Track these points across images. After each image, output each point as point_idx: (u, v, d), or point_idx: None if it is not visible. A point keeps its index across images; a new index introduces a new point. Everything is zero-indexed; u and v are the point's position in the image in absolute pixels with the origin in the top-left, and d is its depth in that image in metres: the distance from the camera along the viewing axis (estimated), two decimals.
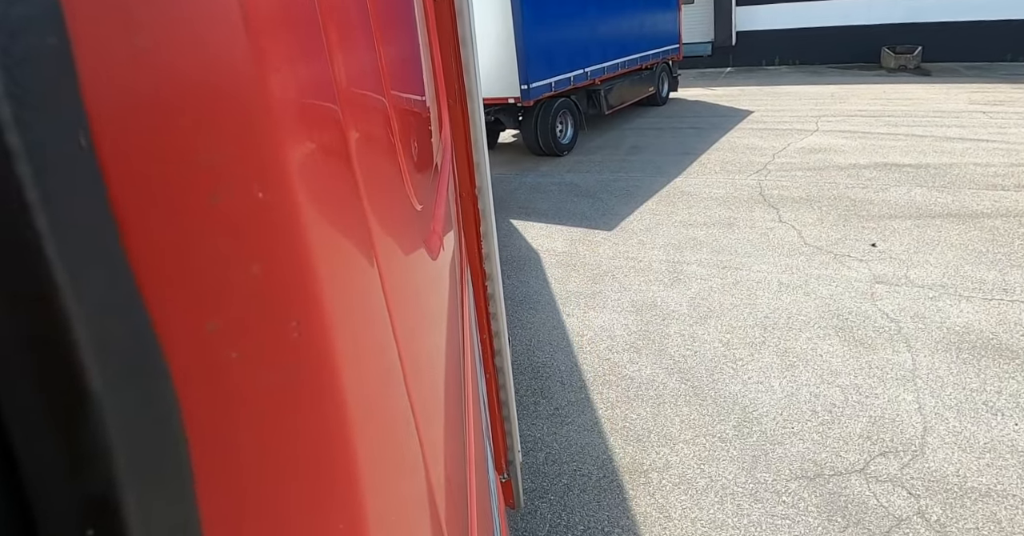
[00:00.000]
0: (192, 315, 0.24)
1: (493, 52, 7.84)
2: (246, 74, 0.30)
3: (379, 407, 0.46)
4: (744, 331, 3.89)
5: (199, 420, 0.24)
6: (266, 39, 0.32)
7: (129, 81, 0.22)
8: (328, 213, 0.38)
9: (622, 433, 3.10)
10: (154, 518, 0.21)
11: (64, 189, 0.18)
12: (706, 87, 14.65)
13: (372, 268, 0.48)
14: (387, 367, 0.51)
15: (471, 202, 1.96)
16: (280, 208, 0.31)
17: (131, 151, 0.22)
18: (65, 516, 0.19)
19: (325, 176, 0.39)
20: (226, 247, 0.27)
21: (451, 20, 1.74)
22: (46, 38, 0.18)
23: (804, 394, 3.25)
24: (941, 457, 2.76)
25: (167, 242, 0.23)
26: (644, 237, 5.58)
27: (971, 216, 5.38)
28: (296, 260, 0.32)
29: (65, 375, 0.18)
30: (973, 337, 3.62)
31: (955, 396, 3.14)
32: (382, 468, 0.44)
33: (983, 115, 9.27)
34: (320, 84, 0.41)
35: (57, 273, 0.18)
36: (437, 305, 0.94)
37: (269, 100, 0.31)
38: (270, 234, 0.30)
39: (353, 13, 0.58)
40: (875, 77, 14.35)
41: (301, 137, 0.36)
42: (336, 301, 0.36)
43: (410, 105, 0.95)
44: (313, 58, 0.41)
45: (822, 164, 7.29)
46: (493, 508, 1.45)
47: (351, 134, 0.46)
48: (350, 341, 0.39)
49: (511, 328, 4.15)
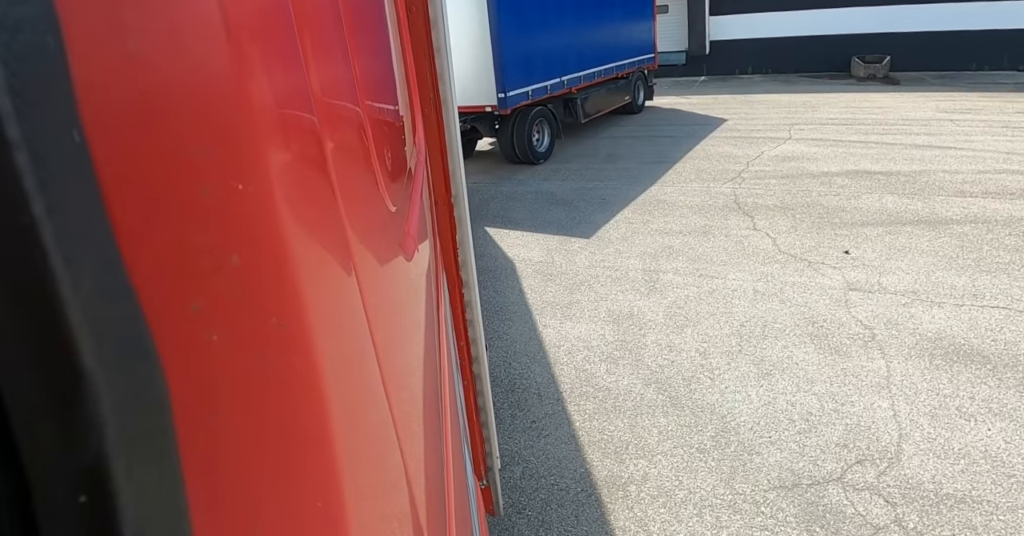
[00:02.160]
0: (177, 299, 0.26)
1: (470, 60, 7.84)
2: (227, 77, 0.32)
3: (356, 397, 0.48)
4: (720, 340, 3.89)
5: (184, 398, 0.25)
6: (246, 44, 0.35)
7: (119, 81, 0.23)
8: (304, 209, 0.40)
9: (600, 445, 3.07)
10: (142, 486, 0.22)
11: (59, 179, 0.19)
12: (681, 96, 14.79)
13: (348, 266, 0.50)
14: (364, 359, 0.53)
15: (447, 210, 1.95)
16: (258, 201, 0.33)
17: (120, 146, 0.23)
18: (59, 486, 0.20)
19: (300, 173, 0.41)
20: (208, 237, 0.29)
21: (425, 30, 1.74)
22: (43, 37, 0.19)
23: (781, 403, 3.25)
24: (917, 464, 2.77)
25: (154, 231, 0.25)
26: (620, 246, 5.58)
27: (941, 223, 5.46)
28: (273, 250, 0.34)
29: (61, 356, 0.19)
30: (945, 343, 3.65)
31: (929, 402, 3.16)
32: (359, 455, 0.46)
33: (951, 123, 9.45)
34: (296, 87, 0.44)
35: (53, 258, 0.19)
36: (412, 307, 0.95)
37: (248, 101, 0.34)
38: (249, 226, 0.32)
39: (328, 23, 0.61)
40: (845, 86, 14.60)
41: (278, 135, 0.38)
42: (311, 290, 0.38)
43: (382, 111, 0.96)
44: (289, 60, 0.44)
45: (795, 172, 7.36)
46: (472, 514, 1.44)
47: (324, 134, 0.48)
48: (325, 327, 0.41)
49: (488, 339, 4.11)
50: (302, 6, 0.47)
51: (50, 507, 0.20)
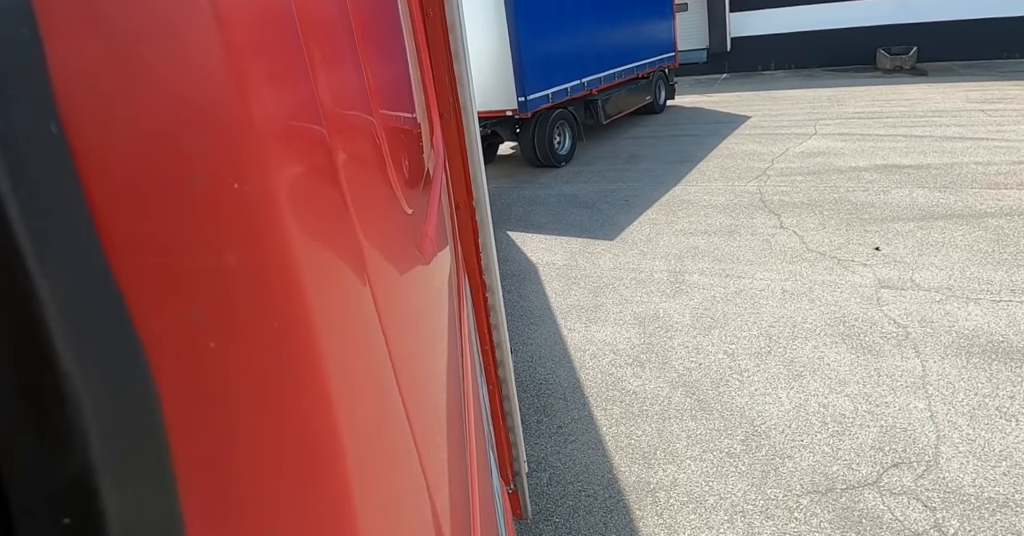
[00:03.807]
0: (170, 303, 0.25)
1: (490, 65, 7.84)
2: (217, 66, 0.30)
3: (368, 402, 0.46)
4: (749, 341, 3.83)
5: (177, 405, 0.24)
6: (238, 34, 0.33)
7: (101, 73, 0.23)
8: (306, 207, 0.39)
9: (627, 451, 3.03)
10: (132, 503, 0.21)
11: (36, 174, 0.19)
12: (703, 94, 14.65)
13: (359, 267, 0.49)
14: (376, 363, 0.51)
15: (469, 214, 1.95)
16: (257, 197, 0.32)
17: (103, 140, 0.22)
18: (41, 501, 0.19)
19: (300, 167, 0.40)
20: (199, 236, 0.27)
21: (443, 35, 1.74)
22: (17, 28, 0.19)
23: (812, 405, 3.18)
24: (956, 467, 2.69)
25: (140, 228, 0.24)
26: (645, 247, 5.53)
27: (975, 216, 5.32)
28: (273, 252, 0.33)
29: (40, 360, 0.18)
30: (983, 340, 3.55)
31: (967, 402, 3.07)
32: (371, 467, 0.44)
33: (982, 113, 9.22)
34: (296, 75, 0.42)
35: (29, 257, 0.18)
36: (431, 310, 0.94)
37: (241, 92, 0.32)
38: (244, 224, 0.31)
39: (331, 17, 0.59)
40: (871, 79, 14.33)
41: (273, 127, 0.36)
42: (320, 298, 0.37)
43: (393, 111, 0.95)
44: (286, 48, 0.42)
45: (822, 168, 7.24)
46: (499, 518, 1.43)
47: (326, 127, 0.46)
48: (335, 337, 0.39)
49: (512, 344, 4.09)
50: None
51: (33, 524, 0.19)
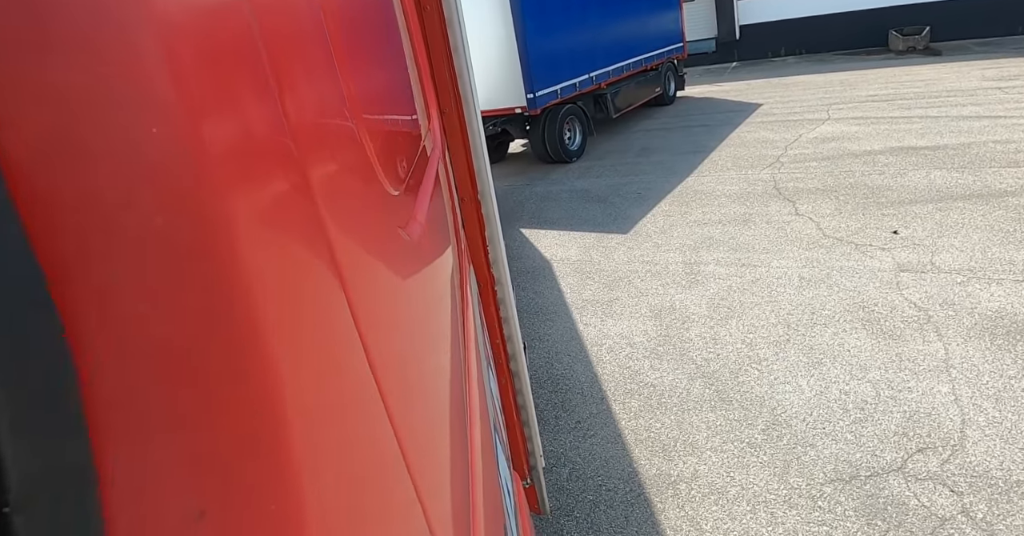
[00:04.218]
0: (91, 277, 0.24)
1: (497, 63, 7.83)
2: (152, 66, 0.29)
3: (326, 384, 0.44)
4: (767, 330, 3.79)
5: (91, 356, 0.23)
6: (175, 28, 0.32)
7: (28, 72, 0.22)
8: (256, 181, 0.38)
9: (647, 444, 3.01)
10: (33, 448, 0.20)
11: None
12: (712, 83, 14.53)
13: (322, 245, 0.47)
14: (341, 350, 0.49)
15: (474, 207, 1.93)
16: (195, 163, 0.31)
17: (31, 145, 0.22)
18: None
19: (248, 138, 0.38)
20: (130, 197, 0.26)
21: (441, 30, 1.73)
22: None
23: (834, 392, 3.14)
24: (983, 450, 2.64)
25: (74, 239, 0.23)
26: (659, 239, 5.49)
27: (995, 195, 5.22)
28: (208, 215, 0.31)
29: None
30: (1007, 321, 3.48)
31: (993, 385, 3.01)
32: (330, 456, 0.42)
33: (998, 91, 9.05)
34: (244, 47, 0.41)
35: None
36: (422, 301, 0.92)
37: (192, 100, 0.31)
38: (173, 181, 0.30)
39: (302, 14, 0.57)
40: (884, 61, 14.12)
41: (216, 97, 0.35)
42: (268, 270, 0.36)
43: (375, 95, 0.93)
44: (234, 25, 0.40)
45: (836, 153, 7.15)
46: (509, 513, 1.42)
47: (287, 107, 0.45)
48: (282, 311, 0.38)
49: (528, 340, 4.08)
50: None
51: None
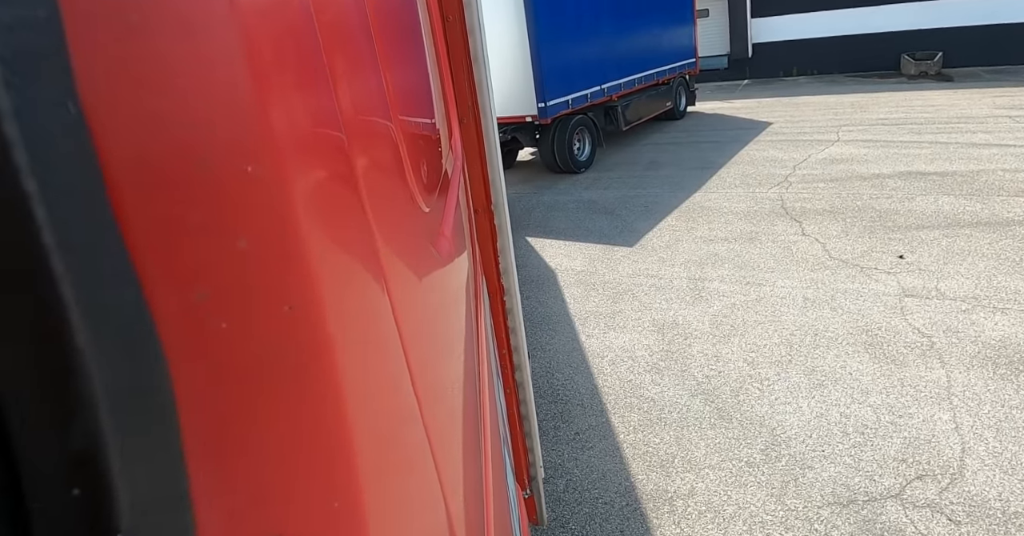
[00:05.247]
0: (181, 282, 0.25)
1: (510, 71, 7.86)
2: (235, 51, 0.31)
3: (379, 391, 0.47)
4: (769, 349, 3.79)
5: (188, 381, 0.24)
6: (257, 34, 0.33)
7: (120, 54, 0.23)
8: (323, 199, 0.39)
9: (645, 458, 3.01)
10: (139, 473, 0.21)
11: (52, 153, 0.19)
12: (724, 100, 14.57)
13: (374, 262, 0.49)
14: (389, 357, 0.51)
15: (487, 218, 1.95)
16: (270, 182, 0.32)
17: (121, 120, 0.22)
18: (50, 472, 0.19)
19: (316, 160, 0.40)
20: (214, 221, 0.28)
21: (463, 39, 1.75)
22: (36, 10, 0.19)
23: (834, 415, 3.14)
24: (982, 480, 2.63)
25: (156, 213, 0.24)
26: (664, 254, 5.50)
27: (1002, 224, 5.23)
28: (285, 237, 0.33)
29: (55, 336, 0.19)
30: (1010, 351, 3.48)
31: (994, 415, 3.01)
32: (383, 460, 0.44)
33: (1009, 119, 9.07)
34: (315, 72, 0.43)
35: (46, 236, 0.18)
36: (447, 310, 0.94)
37: (259, 77, 0.32)
38: (258, 209, 0.31)
39: (353, 22, 0.59)
40: (895, 85, 14.16)
41: (291, 116, 0.37)
42: (333, 291, 0.37)
43: (414, 115, 0.96)
44: (304, 42, 0.42)
45: (844, 175, 7.16)
46: (514, 523, 1.43)
47: (343, 122, 0.46)
48: (346, 327, 0.39)
49: (530, 349, 4.08)
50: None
51: (41, 495, 0.19)
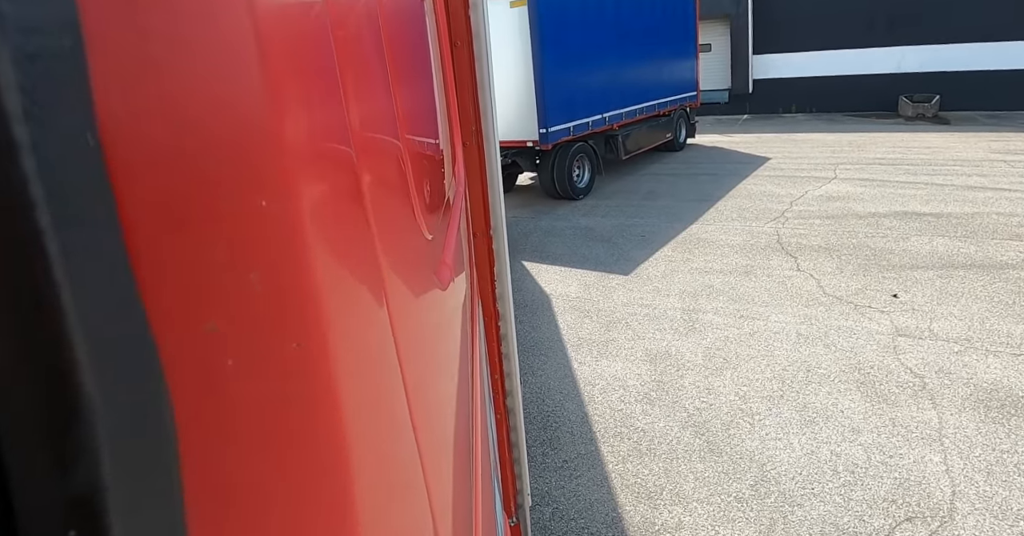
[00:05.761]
0: (190, 318, 0.25)
1: (513, 96, 7.95)
2: (253, 86, 0.31)
3: (379, 429, 0.46)
4: (761, 384, 3.77)
5: (191, 424, 0.24)
6: (275, 53, 0.33)
7: (139, 86, 0.23)
8: (333, 231, 0.39)
9: (633, 489, 2.98)
10: (139, 521, 0.20)
11: (68, 185, 0.19)
12: (723, 134, 14.72)
13: (379, 295, 0.49)
14: (390, 387, 0.51)
15: (486, 242, 1.96)
16: (283, 218, 0.32)
17: (138, 153, 0.22)
18: (47, 515, 0.18)
19: (328, 192, 0.40)
20: (224, 253, 0.27)
21: (470, 66, 1.77)
22: (61, 39, 0.19)
23: (824, 453, 3.12)
24: (972, 524, 2.61)
25: (168, 245, 0.24)
26: (659, 284, 5.50)
27: (996, 267, 5.26)
28: (296, 274, 0.33)
29: (59, 371, 0.18)
30: (1002, 394, 3.47)
31: (985, 458, 2.99)
32: (379, 492, 0.44)
33: (1004, 164, 9.18)
34: (329, 103, 0.43)
35: (57, 270, 0.18)
36: (445, 338, 0.93)
37: (277, 114, 0.32)
38: (270, 244, 0.31)
39: (367, 48, 0.60)
40: (893, 125, 14.35)
41: (305, 149, 0.37)
42: (339, 322, 0.37)
43: (422, 141, 0.97)
44: (322, 71, 0.42)
45: (841, 212, 7.21)
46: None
47: (355, 152, 0.47)
48: (351, 363, 0.39)
49: (521, 374, 4.06)
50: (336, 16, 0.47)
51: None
